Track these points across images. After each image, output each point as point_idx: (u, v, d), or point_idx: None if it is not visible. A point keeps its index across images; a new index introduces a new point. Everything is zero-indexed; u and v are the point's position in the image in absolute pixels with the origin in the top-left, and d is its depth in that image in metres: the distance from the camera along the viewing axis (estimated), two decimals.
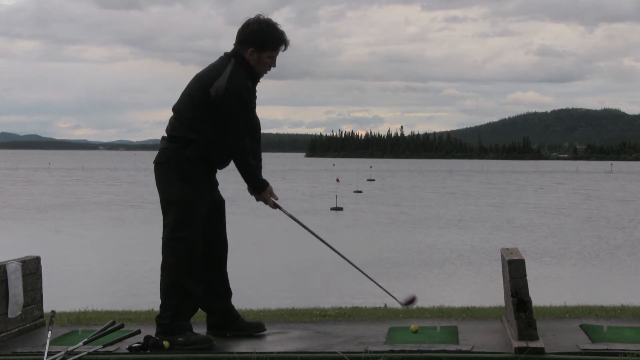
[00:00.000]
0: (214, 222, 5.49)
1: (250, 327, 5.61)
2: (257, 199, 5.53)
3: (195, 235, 5.28)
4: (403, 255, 23.75)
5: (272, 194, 5.52)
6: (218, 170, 5.54)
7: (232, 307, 5.63)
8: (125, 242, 27.15)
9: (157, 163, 5.39)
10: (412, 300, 5.61)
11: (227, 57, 5.38)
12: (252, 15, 5.38)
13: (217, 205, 5.52)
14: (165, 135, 5.43)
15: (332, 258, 5.60)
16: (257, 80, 5.45)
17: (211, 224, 5.44)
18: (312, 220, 35.45)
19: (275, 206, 5.54)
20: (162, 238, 5.32)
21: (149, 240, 25.37)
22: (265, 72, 5.45)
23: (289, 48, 5.44)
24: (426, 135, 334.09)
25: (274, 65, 5.43)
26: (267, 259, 22.45)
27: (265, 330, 5.63)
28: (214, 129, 5.27)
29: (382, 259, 22.53)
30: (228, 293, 5.61)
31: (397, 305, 6.00)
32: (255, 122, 5.57)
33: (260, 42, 5.30)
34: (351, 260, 5.67)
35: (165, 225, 5.31)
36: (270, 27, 5.32)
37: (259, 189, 5.46)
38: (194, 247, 5.27)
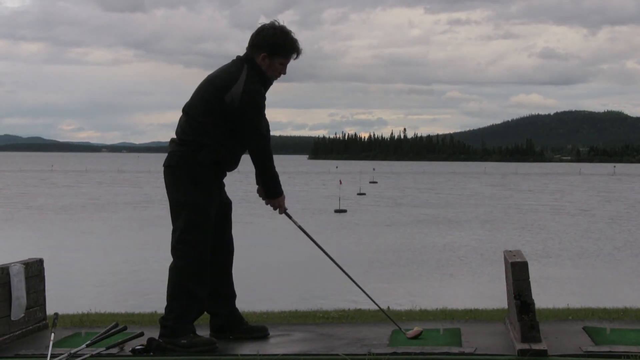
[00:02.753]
0: (221, 223, 5.48)
1: (254, 330, 5.60)
2: (269, 204, 5.51)
3: (204, 238, 5.27)
4: (406, 256, 23.74)
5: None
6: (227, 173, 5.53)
7: (236, 309, 5.63)
8: (129, 244, 27.16)
9: (167, 166, 5.38)
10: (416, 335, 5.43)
11: (240, 61, 5.36)
12: (257, 19, 5.43)
13: (224, 207, 5.52)
14: (175, 137, 5.41)
15: (334, 259, 5.59)
16: (269, 86, 5.45)
17: (217, 226, 5.44)
18: (317, 222, 35.47)
19: (285, 213, 5.55)
20: (172, 241, 5.32)
21: (152, 242, 25.42)
22: (275, 78, 5.45)
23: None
24: (429, 137, 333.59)
25: (284, 73, 5.44)
26: (269, 261, 22.45)
27: (268, 334, 5.61)
28: (226, 133, 5.27)
29: (386, 260, 22.54)
30: (232, 296, 5.61)
31: (399, 308, 5.99)
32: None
33: (273, 47, 5.30)
34: (353, 266, 5.67)
35: (175, 228, 5.30)
36: (284, 34, 5.33)
37: (276, 194, 5.46)
38: (203, 251, 5.26)
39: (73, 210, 43.39)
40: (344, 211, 42.96)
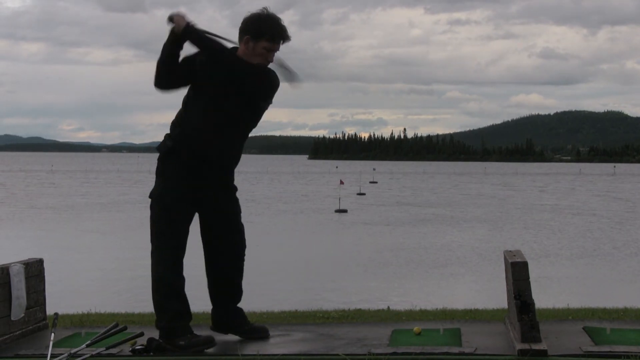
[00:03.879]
0: (211, 223, 5.38)
1: (255, 330, 5.55)
2: (175, 29, 5.18)
3: (169, 231, 5.23)
4: (406, 256, 23.73)
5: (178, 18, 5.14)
6: (226, 170, 5.37)
7: (237, 310, 5.60)
8: (129, 244, 27.13)
9: None
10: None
11: None
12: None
13: (213, 206, 5.35)
14: None
15: (335, 259, 5.59)
16: (251, 70, 5.14)
17: (208, 226, 5.38)
18: (317, 222, 35.47)
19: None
20: None
21: None
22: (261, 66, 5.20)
23: (292, 51, 5.36)
24: (429, 137, 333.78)
25: (271, 60, 5.19)
26: (269, 261, 22.43)
27: (269, 335, 5.56)
28: (194, 121, 5.19)
29: (386, 260, 22.52)
30: (234, 297, 5.53)
31: (399, 308, 5.98)
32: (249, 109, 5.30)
33: (257, 30, 5.09)
34: (353, 265, 5.65)
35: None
36: (270, 19, 5.13)
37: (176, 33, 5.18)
38: (168, 243, 5.23)
39: (73, 210, 43.38)
40: (345, 211, 42.94)
